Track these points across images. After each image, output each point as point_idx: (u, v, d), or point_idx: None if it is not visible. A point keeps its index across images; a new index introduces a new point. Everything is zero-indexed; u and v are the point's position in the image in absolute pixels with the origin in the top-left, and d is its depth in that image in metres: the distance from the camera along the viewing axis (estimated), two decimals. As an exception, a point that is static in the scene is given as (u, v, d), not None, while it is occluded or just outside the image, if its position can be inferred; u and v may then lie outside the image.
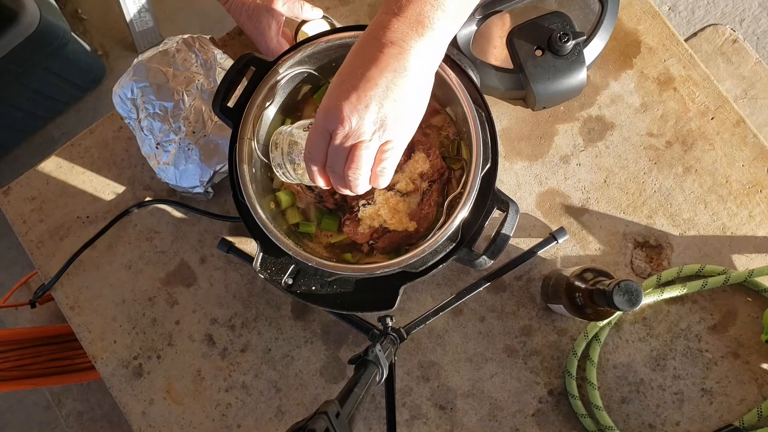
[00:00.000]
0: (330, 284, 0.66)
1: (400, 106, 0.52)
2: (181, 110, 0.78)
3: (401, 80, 0.51)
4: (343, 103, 0.50)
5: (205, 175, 0.79)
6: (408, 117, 0.54)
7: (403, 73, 0.51)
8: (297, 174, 0.64)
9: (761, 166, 0.82)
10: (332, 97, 0.52)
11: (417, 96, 0.54)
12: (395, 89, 0.51)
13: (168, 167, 0.79)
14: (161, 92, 0.78)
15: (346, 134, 0.51)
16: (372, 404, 0.78)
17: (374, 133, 0.52)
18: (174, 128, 0.78)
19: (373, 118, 0.51)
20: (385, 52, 0.51)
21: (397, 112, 0.52)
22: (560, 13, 0.76)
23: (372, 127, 0.52)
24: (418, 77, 0.52)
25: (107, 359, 0.82)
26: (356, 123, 0.51)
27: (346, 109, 0.50)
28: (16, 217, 0.86)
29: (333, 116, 0.51)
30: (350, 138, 0.52)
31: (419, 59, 0.52)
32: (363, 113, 0.51)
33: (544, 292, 0.78)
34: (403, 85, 0.51)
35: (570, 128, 0.84)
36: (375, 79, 0.50)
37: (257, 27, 0.79)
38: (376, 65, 0.51)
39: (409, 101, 0.53)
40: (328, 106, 0.51)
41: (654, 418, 0.76)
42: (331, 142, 0.52)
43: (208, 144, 0.78)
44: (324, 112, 0.52)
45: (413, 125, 0.55)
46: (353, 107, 0.50)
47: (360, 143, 0.52)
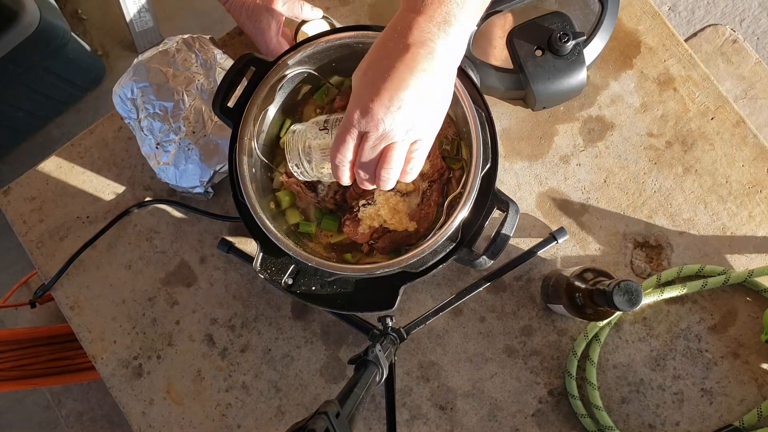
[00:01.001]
0: (330, 284, 0.66)
1: (430, 105, 0.53)
2: (181, 110, 0.78)
3: (431, 80, 0.52)
4: (376, 105, 0.51)
5: (205, 175, 0.79)
6: (436, 113, 0.54)
7: (432, 73, 0.52)
8: (314, 172, 0.64)
9: (761, 166, 0.82)
10: (363, 99, 0.52)
11: (444, 94, 0.54)
12: (425, 89, 0.52)
13: (168, 167, 0.79)
14: (161, 92, 0.78)
15: (379, 136, 0.52)
16: (372, 404, 0.78)
17: (406, 134, 0.53)
18: (174, 128, 0.78)
19: (406, 120, 0.52)
20: (413, 53, 0.51)
21: (427, 112, 0.53)
22: (560, 13, 0.76)
23: (404, 128, 0.52)
24: (445, 75, 0.53)
25: (107, 359, 0.82)
26: (390, 125, 0.51)
27: (380, 112, 0.51)
28: (16, 217, 0.86)
29: (367, 118, 0.51)
30: (383, 139, 0.53)
31: (446, 58, 0.53)
32: (396, 115, 0.51)
33: (544, 292, 0.78)
34: (432, 84, 0.52)
35: (570, 128, 0.84)
36: (406, 80, 0.51)
37: (257, 27, 0.79)
38: (406, 66, 0.51)
39: (438, 100, 0.54)
40: (361, 107, 0.52)
41: (654, 418, 0.76)
42: (363, 143, 0.53)
43: (208, 144, 0.78)
44: (357, 113, 0.52)
45: (440, 122, 0.56)
46: (387, 109, 0.51)
47: (393, 144, 0.53)
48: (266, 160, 0.71)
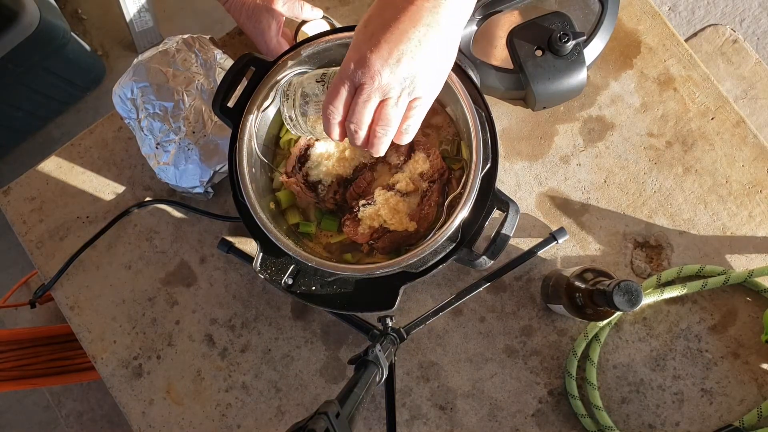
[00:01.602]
0: (330, 284, 0.66)
1: (431, 61, 0.50)
2: (181, 110, 0.78)
3: (434, 35, 0.49)
4: (374, 56, 0.48)
5: (205, 175, 0.79)
6: (437, 72, 0.52)
7: (437, 28, 0.49)
8: (308, 126, 0.62)
9: (761, 166, 0.82)
10: (360, 49, 0.49)
11: (448, 52, 0.52)
12: (427, 44, 0.49)
13: (168, 167, 0.79)
14: (161, 92, 0.78)
15: (375, 89, 0.50)
16: (372, 404, 0.78)
17: (404, 90, 0.51)
18: (174, 128, 0.78)
19: (404, 74, 0.49)
20: (418, 5, 0.49)
21: (428, 68, 0.51)
22: (560, 13, 0.76)
23: (402, 83, 0.50)
24: (449, 32, 0.51)
25: (107, 359, 0.82)
26: (387, 78, 0.49)
27: (377, 63, 0.48)
28: (16, 217, 0.86)
29: (363, 69, 0.49)
30: (379, 93, 0.50)
31: (452, 14, 0.50)
32: (394, 68, 0.49)
33: (544, 292, 0.78)
34: (435, 39, 0.50)
35: (570, 128, 0.84)
36: (408, 32, 0.48)
37: (257, 27, 0.79)
38: (409, 18, 0.49)
39: (440, 57, 0.51)
40: (357, 57, 0.49)
41: (654, 419, 0.76)
42: (358, 96, 0.50)
43: (208, 144, 0.78)
44: (352, 64, 0.49)
45: (441, 82, 0.53)
46: (384, 61, 0.48)
47: (388, 100, 0.51)
48: (266, 160, 0.71)
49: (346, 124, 0.53)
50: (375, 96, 0.50)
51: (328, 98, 0.52)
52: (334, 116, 0.53)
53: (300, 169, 0.71)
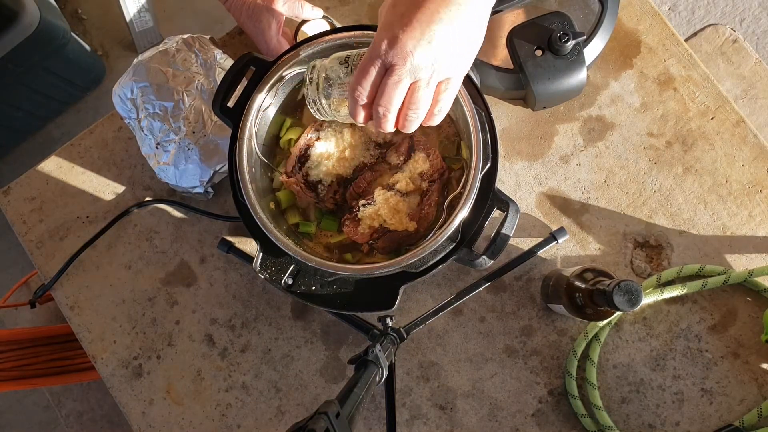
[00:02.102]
0: (330, 284, 0.66)
1: (462, 40, 0.50)
2: (181, 110, 0.78)
3: (465, 13, 0.48)
4: (407, 36, 0.47)
5: (205, 175, 0.79)
6: (468, 52, 0.51)
7: (467, 8, 0.48)
8: (331, 110, 0.61)
9: (761, 166, 0.82)
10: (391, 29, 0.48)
11: (478, 31, 0.51)
12: (459, 23, 0.48)
13: (168, 167, 0.79)
14: (161, 92, 0.78)
15: (406, 70, 0.49)
16: (372, 404, 0.78)
17: (434, 71, 0.50)
18: (174, 128, 0.78)
19: (436, 54, 0.48)
20: None
21: (459, 48, 0.50)
22: (560, 13, 0.76)
23: (434, 63, 0.49)
24: (480, 10, 0.50)
25: (107, 359, 0.82)
26: (419, 58, 0.48)
27: (410, 44, 0.47)
28: (16, 217, 0.86)
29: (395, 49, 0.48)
30: (410, 74, 0.49)
31: None
32: (426, 48, 0.48)
33: (544, 292, 0.78)
34: (466, 18, 0.49)
35: (570, 128, 0.84)
36: (440, 12, 0.47)
37: (257, 26, 0.79)
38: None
39: (471, 35, 0.50)
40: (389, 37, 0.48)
41: (654, 418, 0.76)
42: (388, 77, 0.49)
43: (208, 144, 0.78)
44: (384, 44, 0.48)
45: (470, 62, 0.52)
46: (417, 41, 0.47)
47: (419, 81, 0.50)
48: (266, 160, 0.71)
49: (374, 107, 0.52)
50: (406, 77, 0.50)
51: (357, 79, 0.51)
52: (362, 97, 0.51)
53: (300, 169, 0.71)
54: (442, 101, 0.53)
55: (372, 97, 0.52)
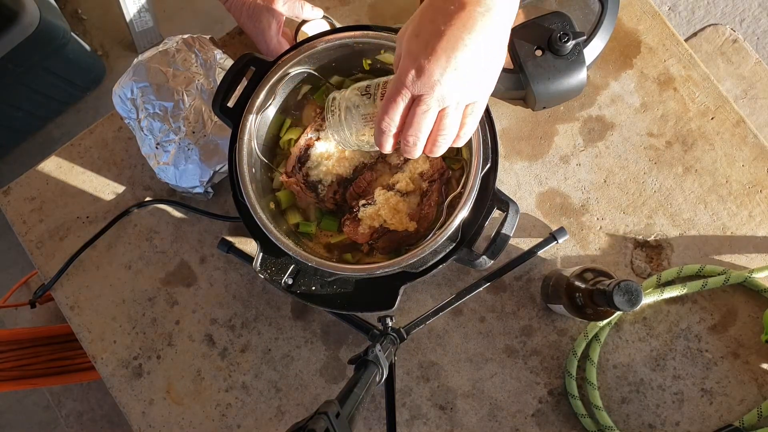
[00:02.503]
0: (330, 284, 0.66)
1: (486, 65, 0.50)
2: (181, 110, 0.78)
3: (488, 39, 0.49)
4: (433, 65, 0.48)
5: (205, 175, 0.79)
6: (491, 74, 0.52)
7: (490, 32, 0.49)
8: (354, 140, 0.61)
9: (761, 166, 0.82)
10: (417, 58, 0.49)
11: (501, 53, 0.52)
12: (483, 49, 0.49)
13: (168, 167, 0.79)
14: (161, 92, 0.78)
15: (434, 98, 0.49)
16: (372, 404, 0.78)
17: (461, 96, 0.50)
18: (174, 128, 0.78)
19: (462, 81, 0.49)
20: (469, 11, 0.48)
21: (484, 70, 0.51)
22: (560, 13, 0.76)
23: (460, 89, 0.50)
24: (501, 34, 0.51)
25: (107, 359, 0.82)
26: (446, 86, 0.49)
27: (436, 72, 0.48)
28: (16, 217, 0.86)
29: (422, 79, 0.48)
30: (438, 102, 0.50)
31: (503, 16, 0.50)
32: (453, 75, 0.48)
33: (544, 292, 0.78)
34: (489, 44, 0.49)
35: (570, 128, 0.84)
36: (463, 39, 0.48)
37: (257, 27, 0.79)
38: (462, 25, 0.48)
39: (494, 60, 0.51)
40: (415, 67, 0.49)
41: (654, 418, 0.76)
42: (416, 107, 0.50)
43: (208, 144, 0.78)
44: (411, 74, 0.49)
45: (494, 83, 0.53)
46: (443, 69, 0.48)
47: (447, 108, 0.51)
48: (266, 160, 0.71)
49: (403, 137, 0.53)
50: (434, 106, 0.50)
51: (384, 110, 0.51)
52: (390, 128, 0.52)
53: (300, 169, 0.71)
54: (468, 124, 0.53)
55: (400, 127, 0.52)
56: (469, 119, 0.53)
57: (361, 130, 0.60)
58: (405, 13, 0.89)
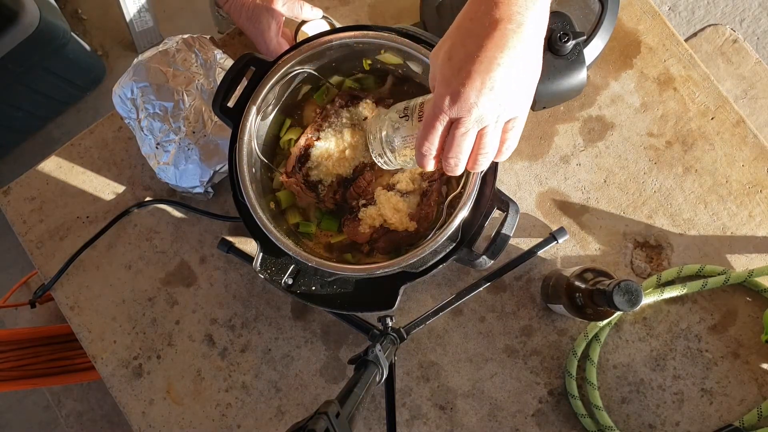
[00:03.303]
0: (330, 284, 0.66)
1: (522, 82, 0.50)
2: (181, 110, 0.78)
3: (522, 56, 0.49)
4: (468, 89, 0.48)
5: (205, 175, 0.79)
6: (529, 89, 0.52)
7: (523, 49, 0.49)
8: (398, 161, 0.62)
9: (761, 166, 0.82)
10: (452, 83, 0.49)
11: (536, 68, 0.52)
12: (517, 66, 0.49)
13: (168, 167, 0.79)
14: (161, 92, 0.78)
15: (473, 121, 0.50)
16: (372, 404, 0.78)
17: (500, 115, 0.51)
18: (174, 128, 0.78)
19: (500, 100, 0.49)
20: (501, 29, 0.48)
21: (520, 89, 0.51)
22: (560, 13, 0.76)
23: (498, 108, 0.50)
24: (535, 49, 0.51)
25: (107, 359, 0.82)
26: (483, 108, 0.49)
27: (473, 95, 0.48)
28: (16, 217, 0.86)
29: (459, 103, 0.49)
30: (477, 124, 0.50)
31: (535, 30, 0.50)
32: (489, 96, 0.49)
33: (544, 292, 0.78)
34: (523, 60, 0.49)
35: (570, 128, 0.84)
36: (497, 59, 0.48)
37: (257, 27, 0.79)
38: (494, 44, 0.48)
39: (529, 75, 0.51)
40: (450, 93, 0.49)
41: (654, 418, 0.76)
42: (455, 129, 0.50)
43: (208, 144, 0.78)
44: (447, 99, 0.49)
45: (532, 95, 0.53)
46: (479, 92, 0.48)
47: (486, 128, 0.51)
48: (266, 160, 0.71)
49: (444, 158, 0.53)
50: (473, 127, 0.51)
51: (424, 135, 0.52)
52: (431, 152, 0.53)
53: (300, 169, 0.71)
54: (510, 139, 0.54)
55: (440, 148, 0.53)
56: (510, 134, 0.53)
57: (402, 151, 0.61)
58: (405, 12, 0.89)
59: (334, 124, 0.71)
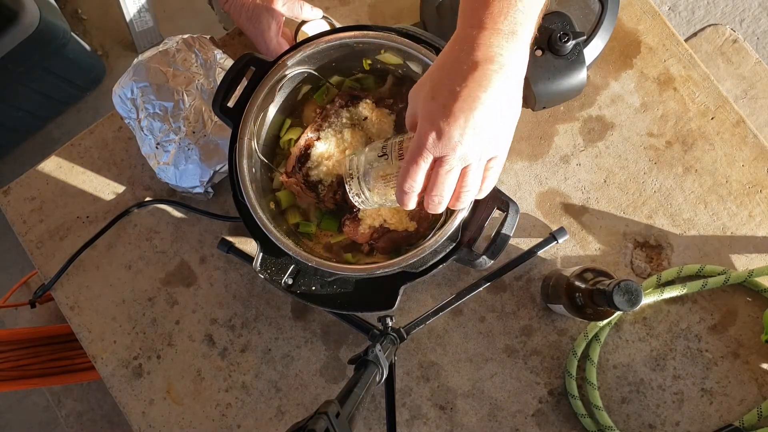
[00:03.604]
0: (330, 284, 0.66)
1: (503, 121, 0.51)
2: (181, 110, 0.78)
3: (503, 95, 0.50)
4: (452, 128, 0.49)
5: (205, 175, 0.79)
6: (510, 128, 0.53)
7: (504, 88, 0.50)
8: (377, 200, 0.61)
9: (761, 166, 0.82)
10: (435, 121, 0.50)
11: (516, 106, 0.53)
12: (499, 105, 0.50)
13: (168, 167, 0.79)
14: (161, 92, 0.78)
15: (456, 158, 0.50)
16: (372, 404, 0.78)
17: (483, 152, 0.51)
18: (174, 128, 0.78)
19: (482, 138, 0.50)
20: (483, 69, 0.49)
21: (501, 128, 0.51)
22: (560, 13, 0.76)
23: (481, 146, 0.50)
24: (515, 88, 0.51)
25: (107, 359, 0.82)
26: (467, 146, 0.50)
27: (456, 133, 0.49)
28: (16, 217, 0.86)
29: (443, 141, 0.49)
30: (460, 162, 0.51)
31: (516, 70, 0.51)
32: (472, 134, 0.49)
33: (544, 292, 0.78)
34: (504, 100, 0.50)
35: (570, 128, 0.84)
36: (480, 98, 0.49)
37: (257, 27, 0.79)
38: (477, 84, 0.49)
39: (510, 114, 0.52)
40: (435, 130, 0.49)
41: (654, 418, 0.76)
42: (439, 167, 0.51)
43: (208, 144, 0.78)
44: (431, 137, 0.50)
45: (512, 134, 0.54)
46: (463, 130, 0.49)
47: (469, 166, 0.51)
48: (266, 160, 0.71)
49: (427, 197, 0.53)
50: (457, 165, 0.51)
51: (407, 173, 0.52)
52: (414, 189, 0.53)
53: (300, 169, 0.71)
54: (490, 177, 0.54)
55: (424, 187, 0.53)
56: (490, 172, 0.54)
57: (381, 190, 0.60)
58: (405, 12, 0.89)
59: (334, 124, 0.71)
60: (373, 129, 0.71)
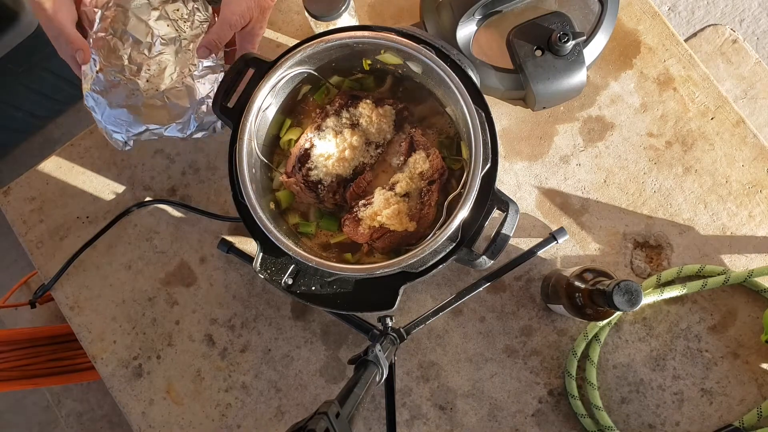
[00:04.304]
0: (330, 284, 0.66)
1: None
2: (145, 54, 0.74)
3: None
4: None
5: (134, 127, 0.73)
6: None
7: None
8: None
9: (761, 166, 0.82)
10: None
11: None
12: None
13: (99, 97, 0.74)
14: (136, 26, 0.73)
15: None
16: (372, 404, 0.78)
17: None
18: (128, 66, 0.74)
19: None
20: None
21: None
22: (560, 13, 0.76)
23: None
24: None
25: (107, 359, 0.82)
26: None
27: None
28: (16, 217, 0.86)
29: None
30: None
31: None
32: None
33: (544, 292, 0.78)
34: None
35: (570, 128, 0.84)
36: None
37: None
38: None
39: None
40: None
41: (654, 418, 0.76)
42: None
43: (155, 100, 0.74)
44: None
45: None
46: None
47: None
48: (266, 160, 0.71)
49: None
50: None
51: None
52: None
53: (300, 169, 0.71)
54: None
55: None
56: None
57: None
58: (405, 12, 0.89)
59: (334, 124, 0.71)
60: (373, 129, 0.71)
